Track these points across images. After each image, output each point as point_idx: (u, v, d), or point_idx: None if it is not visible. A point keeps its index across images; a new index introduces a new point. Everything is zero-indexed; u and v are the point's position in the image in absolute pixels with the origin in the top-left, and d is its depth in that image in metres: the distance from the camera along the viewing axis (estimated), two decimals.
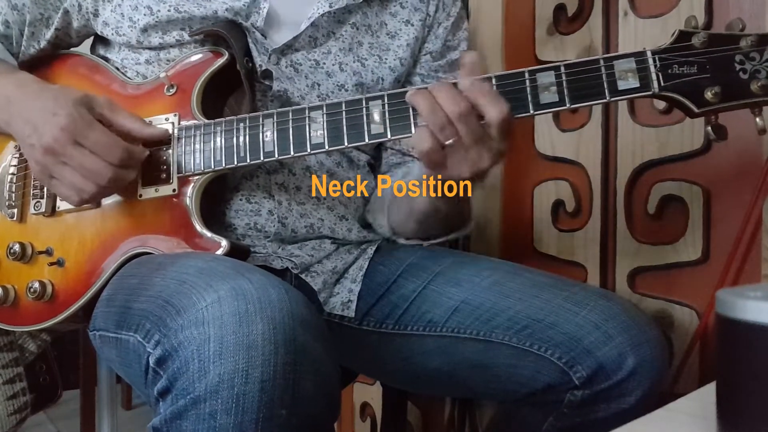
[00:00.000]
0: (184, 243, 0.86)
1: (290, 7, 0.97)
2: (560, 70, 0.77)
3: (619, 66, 0.76)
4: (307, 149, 0.83)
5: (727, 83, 0.74)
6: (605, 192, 1.17)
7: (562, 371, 0.84)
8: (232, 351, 0.62)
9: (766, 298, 0.46)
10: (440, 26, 1.07)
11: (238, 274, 0.69)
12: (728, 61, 0.74)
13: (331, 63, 0.98)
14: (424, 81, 1.06)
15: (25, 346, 1.23)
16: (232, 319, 0.64)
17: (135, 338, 0.74)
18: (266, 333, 0.63)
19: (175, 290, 0.71)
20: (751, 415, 0.46)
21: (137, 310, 0.75)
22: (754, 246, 0.99)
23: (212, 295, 0.66)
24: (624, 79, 0.76)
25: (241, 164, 0.85)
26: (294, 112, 0.84)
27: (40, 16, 0.97)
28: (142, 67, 0.96)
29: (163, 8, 0.92)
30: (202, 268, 0.73)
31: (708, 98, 0.74)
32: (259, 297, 0.65)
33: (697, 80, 0.75)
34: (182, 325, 0.66)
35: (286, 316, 0.65)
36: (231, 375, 0.62)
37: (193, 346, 0.64)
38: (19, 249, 0.92)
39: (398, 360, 0.96)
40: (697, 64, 0.75)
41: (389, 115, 0.81)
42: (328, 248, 0.99)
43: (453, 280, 0.94)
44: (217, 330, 0.63)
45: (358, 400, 1.67)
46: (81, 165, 0.82)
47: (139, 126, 0.87)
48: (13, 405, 1.16)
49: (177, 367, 0.65)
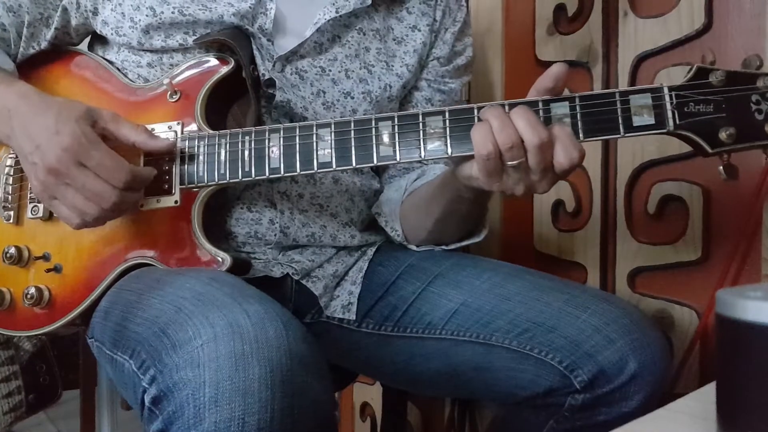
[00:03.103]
0: (184, 255, 0.86)
1: (296, 10, 0.95)
2: (575, 102, 0.76)
3: (635, 101, 0.75)
4: (314, 167, 0.82)
5: (742, 124, 0.73)
6: (605, 192, 1.17)
7: (562, 375, 0.83)
8: (228, 397, 0.61)
9: (766, 298, 0.46)
10: (447, 31, 1.05)
11: (234, 303, 0.68)
12: (745, 101, 0.73)
13: (337, 70, 0.97)
14: (431, 86, 1.06)
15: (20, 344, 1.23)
16: (228, 362, 0.62)
17: (130, 366, 0.73)
18: (263, 377, 0.62)
19: (171, 318, 0.70)
20: (751, 415, 0.46)
21: (133, 333, 0.74)
22: (754, 246, 0.99)
23: (208, 331, 0.65)
24: (639, 115, 0.75)
25: (247, 179, 0.84)
26: (301, 128, 0.83)
27: (40, 16, 0.96)
28: (144, 70, 0.94)
29: (166, 10, 0.90)
30: (200, 294, 0.71)
31: (722, 139, 0.74)
32: (255, 335, 0.64)
33: (712, 120, 0.74)
34: (178, 364, 0.65)
35: (283, 356, 0.64)
36: (227, 423, 0.61)
37: (189, 390, 0.63)
38: (15, 253, 0.91)
39: (398, 362, 0.96)
40: (713, 102, 0.74)
41: (399, 138, 0.79)
42: (329, 252, 0.99)
43: (453, 282, 0.93)
44: (212, 374, 0.62)
45: (358, 400, 1.67)
46: (84, 187, 0.79)
47: (143, 138, 0.84)
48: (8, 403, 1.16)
49: (172, 410, 0.64)
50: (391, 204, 1.02)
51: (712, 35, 1.03)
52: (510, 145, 0.73)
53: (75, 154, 0.79)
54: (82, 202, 0.80)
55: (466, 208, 0.91)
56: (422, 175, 1.02)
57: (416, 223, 0.99)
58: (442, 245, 1.00)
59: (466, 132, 0.77)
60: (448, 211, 0.92)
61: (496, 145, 0.73)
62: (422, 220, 0.98)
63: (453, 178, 0.85)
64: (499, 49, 1.34)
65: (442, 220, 0.94)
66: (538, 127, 0.73)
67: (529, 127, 0.73)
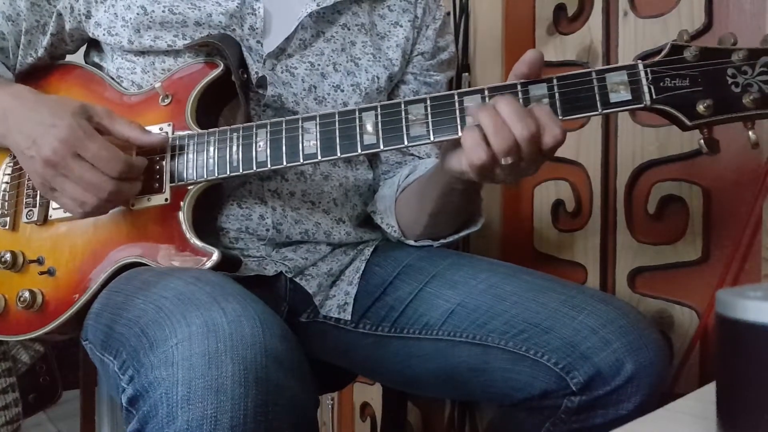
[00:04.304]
0: (175, 253, 0.86)
1: (282, 9, 0.96)
2: (552, 83, 0.77)
3: (611, 78, 0.76)
4: (300, 159, 0.83)
5: (720, 97, 0.73)
6: (605, 192, 1.17)
7: (558, 377, 0.83)
8: (200, 396, 0.61)
9: (766, 298, 0.46)
10: (429, 28, 1.08)
11: (213, 302, 0.68)
12: (720, 74, 0.74)
13: (325, 63, 0.98)
14: (417, 79, 1.07)
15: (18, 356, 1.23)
16: (201, 360, 0.62)
17: (113, 366, 0.73)
18: (236, 374, 0.61)
19: (151, 318, 0.70)
20: (751, 415, 0.46)
21: (117, 334, 0.75)
22: (754, 246, 0.99)
23: (184, 330, 0.65)
24: (616, 92, 0.75)
25: (234, 174, 0.85)
26: (287, 122, 0.84)
27: (36, 23, 0.97)
28: (138, 77, 0.95)
29: (157, 8, 0.91)
30: (181, 293, 0.71)
31: (700, 111, 0.74)
32: (231, 333, 0.64)
33: (689, 93, 0.74)
34: (153, 363, 0.65)
35: (258, 354, 0.63)
36: (200, 422, 0.60)
37: (162, 389, 0.63)
38: (10, 258, 0.91)
39: (395, 363, 0.96)
40: (689, 77, 0.74)
41: (382, 126, 0.80)
42: (324, 250, 0.99)
43: (449, 283, 0.93)
44: (185, 372, 0.62)
45: (358, 400, 1.67)
46: (81, 178, 0.81)
47: (137, 134, 0.85)
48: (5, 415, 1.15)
49: (146, 410, 0.64)
50: (386, 201, 1.03)
51: (712, 35, 1.03)
52: (507, 149, 0.73)
53: (71, 146, 0.80)
54: (80, 193, 0.81)
55: (459, 200, 0.91)
56: (414, 170, 1.02)
57: (411, 219, 1.00)
58: (440, 239, 1.00)
59: (447, 117, 0.78)
60: (441, 204, 0.92)
61: (489, 150, 0.73)
62: (417, 216, 0.98)
63: (443, 172, 0.85)
64: (499, 49, 1.34)
65: (436, 214, 0.94)
66: (527, 119, 0.73)
67: (516, 118, 0.73)
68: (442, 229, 0.99)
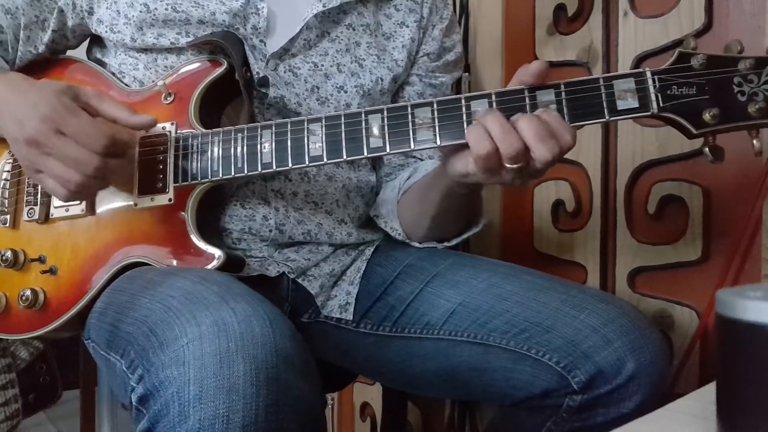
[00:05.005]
0: (178, 253, 0.86)
1: (286, 9, 0.96)
2: (560, 89, 0.77)
3: (619, 86, 0.76)
4: (305, 161, 0.82)
5: (726, 105, 0.74)
6: (605, 192, 1.17)
7: (560, 376, 0.83)
8: (212, 395, 0.61)
9: (766, 298, 0.46)
10: (435, 28, 1.07)
11: (222, 301, 0.68)
12: (727, 83, 0.74)
13: (329, 64, 0.98)
14: (422, 81, 1.07)
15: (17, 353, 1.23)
16: (212, 359, 0.62)
17: (121, 365, 0.73)
18: (248, 374, 0.62)
19: (160, 317, 0.70)
20: (751, 415, 0.46)
21: (124, 333, 0.74)
22: (754, 246, 0.99)
23: (194, 329, 0.65)
24: (623, 99, 0.76)
25: (239, 175, 0.84)
26: (293, 123, 0.83)
27: (36, 19, 0.96)
28: (140, 73, 0.95)
29: (160, 6, 0.91)
30: (189, 292, 0.71)
31: (706, 120, 0.74)
32: (241, 333, 0.64)
33: (695, 101, 0.75)
34: (164, 362, 0.65)
35: (269, 354, 0.63)
36: (212, 421, 0.60)
37: (174, 388, 0.63)
38: (11, 256, 0.91)
39: (396, 362, 0.96)
40: (696, 85, 0.75)
41: (388, 129, 0.80)
42: (326, 251, 0.99)
43: (450, 282, 0.93)
44: (197, 371, 0.62)
45: (358, 400, 1.67)
46: (64, 154, 0.78)
47: (125, 114, 0.83)
48: (5, 412, 1.15)
49: (157, 409, 0.64)
50: (388, 205, 1.02)
51: (712, 35, 1.03)
52: (515, 153, 0.73)
53: (53, 123, 0.78)
54: (63, 170, 0.79)
55: (460, 202, 0.91)
56: (414, 173, 1.02)
57: (414, 222, 1.00)
58: (444, 241, 1.00)
59: (454, 122, 0.78)
60: (442, 207, 0.92)
61: (493, 143, 0.74)
62: (419, 219, 0.98)
63: (444, 175, 0.85)
64: (499, 49, 1.33)
65: (437, 217, 0.94)
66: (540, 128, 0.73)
67: (531, 129, 0.73)
68: (444, 231, 0.99)
